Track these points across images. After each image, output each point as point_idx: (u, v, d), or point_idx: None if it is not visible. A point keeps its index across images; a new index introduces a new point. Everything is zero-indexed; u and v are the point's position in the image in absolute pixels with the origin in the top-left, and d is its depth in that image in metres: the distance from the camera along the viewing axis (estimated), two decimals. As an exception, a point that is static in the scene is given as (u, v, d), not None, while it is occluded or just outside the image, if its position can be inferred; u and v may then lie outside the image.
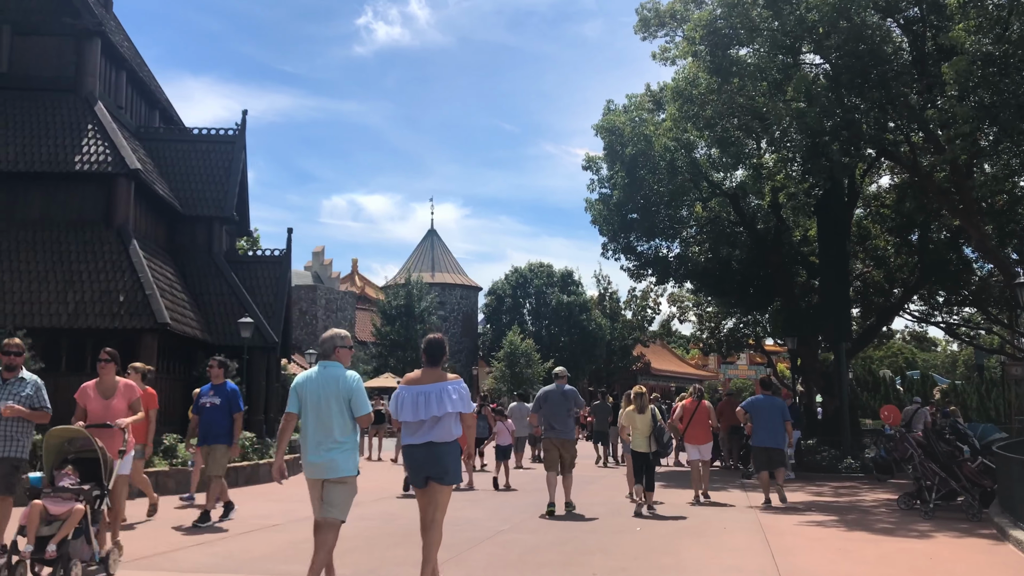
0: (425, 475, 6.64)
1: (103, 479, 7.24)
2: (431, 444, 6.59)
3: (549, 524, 11.32)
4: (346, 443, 6.40)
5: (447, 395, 6.60)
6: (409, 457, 6.77)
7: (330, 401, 6.33)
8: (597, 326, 57.74)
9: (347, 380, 6.40)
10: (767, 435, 13.34)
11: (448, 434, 6.63)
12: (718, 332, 36.04)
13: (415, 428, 6.65)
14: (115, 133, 17.55)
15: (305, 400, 6.43)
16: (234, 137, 21.86)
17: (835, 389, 22.89)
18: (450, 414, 6.61)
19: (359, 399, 6.40)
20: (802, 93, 15.97)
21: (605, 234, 24.74)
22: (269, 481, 17.27)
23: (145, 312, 16.02)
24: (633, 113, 23.22)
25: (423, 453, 6.62)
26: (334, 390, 6.36)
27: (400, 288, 50.67)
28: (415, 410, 6.61)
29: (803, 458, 20.74)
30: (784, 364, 47.99)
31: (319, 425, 6.36)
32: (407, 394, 6.70)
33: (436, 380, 6.70)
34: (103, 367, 8.24)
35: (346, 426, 6.39)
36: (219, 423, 10.99)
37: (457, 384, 6.73)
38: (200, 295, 20.08)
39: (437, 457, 6.59)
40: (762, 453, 13.43)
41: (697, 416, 14.38)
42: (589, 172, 24.57)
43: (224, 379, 11.28)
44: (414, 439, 6.67)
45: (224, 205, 20.76)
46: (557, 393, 12.43)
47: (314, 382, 6.45)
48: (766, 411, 13.43)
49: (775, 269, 23.91)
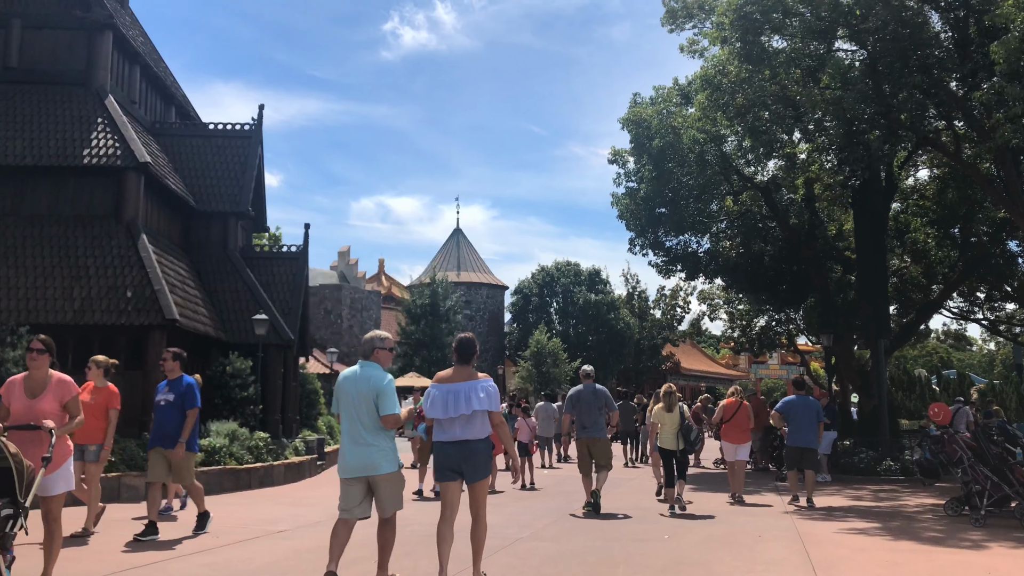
0: (455, 471, 6.80)
1: (17, 494, 5.80)
2: (464, 442, 6.74)
3: (571, 531, 10.63)
4: (379, 441, 6.50)
5: (475, 393, 6.70)
6: (440, 453, 6.89)
7: (362, 400, 6.48)
8: (625, 325, 56.88)
9: (377, 380, 6.52)
10: (802, 435, 13.37)
11: (479, 432, 6.77)
12: (750, 330, 35.09)
13: (447, 426, 6.80)
14: (125, 126, 17.09)
15: (343, 399, 6.62)
16: (250, 132, 21.35)
17: (873, 387, 21.97)
18: (479, 412, 6.71)
19: (385, 399, 6.47)
20: (838, 79, 15.14)
21: (632, 229, 23.97)
22: (283, 483, 16.74)
23: (153, 308, 15.51)
24: (660, 105, 22.43)
25: (455, 450, 6.76)
26: (365, 389, 6.50)
27: (425, 287, 50.14)
28: (445, 408, 6.72)
29: (839, 459, 19.88)
30: (818, 363, 46.85)
31: (354, 424, 6.53)
32: (438, 392, 6.83)
33: (466, 379, 6.82)
34: (33, 359, 6.69)
35: (377, 425, 6.49)
36: (172, 422, 9.75)
37: (486, 383, 6.82)
38: (214, 292, 19.59)
39: (468, 455, 6.73)
40: (796, 452, 13.47)
41: (737, 417, 14.27)
42: (615, 166, 23.84)
43: (181, 372, 10.10)
44: (446, 436, 6.81)
45: (239, 200, 20.25)
46: (588, 392, 12.43)
47: (350, 381, 6.62)
48: (801, 411, 13.46)
49: (809, 264, 23.02)
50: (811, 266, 23.07)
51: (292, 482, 17.07)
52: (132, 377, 15.75)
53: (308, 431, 22.23)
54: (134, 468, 13.87)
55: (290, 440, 19.07)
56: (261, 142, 21.48)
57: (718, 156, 21.39)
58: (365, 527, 10.91)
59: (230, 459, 15.75)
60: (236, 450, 16.06)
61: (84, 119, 17.33)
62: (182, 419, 9.77)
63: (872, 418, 21.96)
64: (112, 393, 9.91)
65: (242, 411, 17.96)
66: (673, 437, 12.54)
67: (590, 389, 12.48)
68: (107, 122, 17.24)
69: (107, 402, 9.85)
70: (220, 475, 15.07)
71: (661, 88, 22.62)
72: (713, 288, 35.38)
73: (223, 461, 15.50)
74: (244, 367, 18.24)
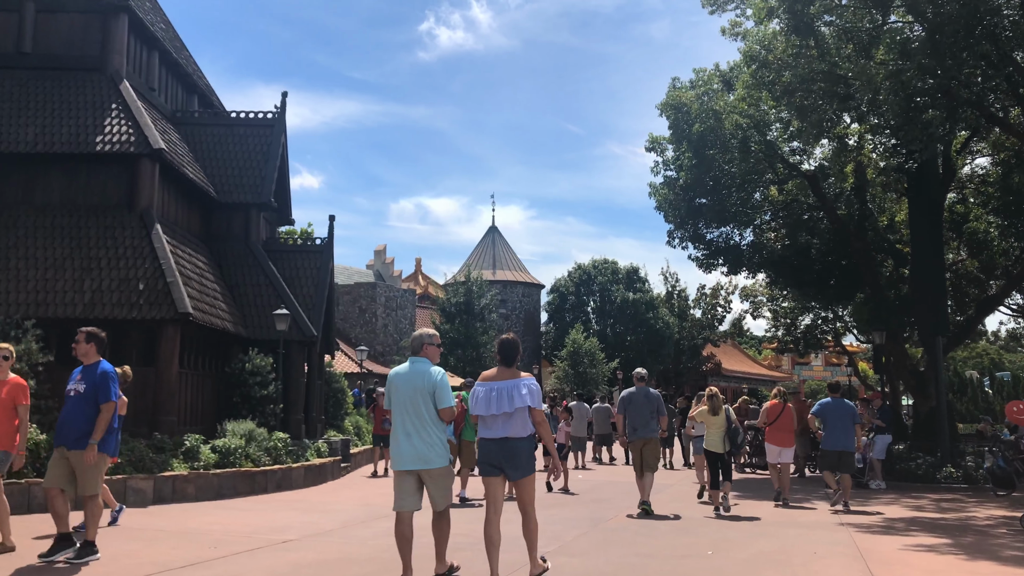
0: (496, 467, 6.97)
1: None
2: (506, 439, 6.89)
3: (603, 544, 9.61)
4: (432, 436, 6.71)
5: (518, 391, 6.85)
6: (484, 449, 7.09)
7: (416, 395, 6.70)
8: (665, 325, 55.54)
9: (431, 375, 6.75)
10: (837, 438, 13.34)
11: (522, 429, 6.90)
12: (794, 329, 33.66)
13: (490, 423, 6.97)
14: (139, 112, 16.38)
15: (394, 395, 6.83)
16: (273, 120, 20.58)
17: (929, 388, 20.62)
18: (520, 410, 6.85)
19: (441, 393, 6.72)
20: (895, 51, 13.94)
21: (671, 221, 22.82)
22: (303, 486, 15.92)
23: (166, 301, 14.76)
24: (701, 89, 21.27)
25: (497, 447, 6.92)
26: (420, 384, 6.72)
27: (460, 285, 49.24)
28: (488, 405, 6.89)
29: (895, 465, 18.60)
30: (865, 363, 45.16)
31: (407, 418, 6.74)
32: (481, 390, 7.03)
33: (509, 377, 6.99)
34: None
35: (432, 419, 6.72)
36: (80, 418, 7.95)
37: (529, 381, 6.96)
38: (235, 286, 18.84)
39: (511, 452, 6.89)
40: (832, 456, 13.39)
41: (781, 419, 14.20)
42: (653, 154, 22.66)
43: (98, 358, 8.28)
44: (489, 433, 6.99)
45: (261, 191, 19.47)
46: (640, 395, 12.65)
47: (402, 377, 6.86)
48: (836, 414, 13.43)
49: (859, 257, 21.69)
50: (861, 259, 21.75)
51: (313, 485, 16.24)
52: (144, 374, 15.01)
53: (334, 432, 21.43)
54: (142, 470, 13.11)
55: (313, 441, 18.25)
56: (284, 131, 20.70)
57: (762, 143, 20.20)
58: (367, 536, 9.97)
59: (246, 461, 14.95)
60: (252, 451, 15.26)
61: (98, 105, 16.66)
62: (95, 414, 7.95)
63: (928, 421, 20.62)
64: (18, 386, 8.37)
65: (261, 410, 17.20)
66: (720, 439, 12.70)
67: (643, 392, 12.67)
68: (121, 108, 16.56)
69: (12, 398, 8.30)
70: (234, 478, 14.27)
71: (701, 71, 21.45)
72: (756, 284, 34.08)
73: (238, 463, 14.70)
74: (264, 364, 17.47)
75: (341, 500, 14.10)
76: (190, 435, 14.44)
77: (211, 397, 17.14)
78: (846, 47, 15.35)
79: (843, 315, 31.03)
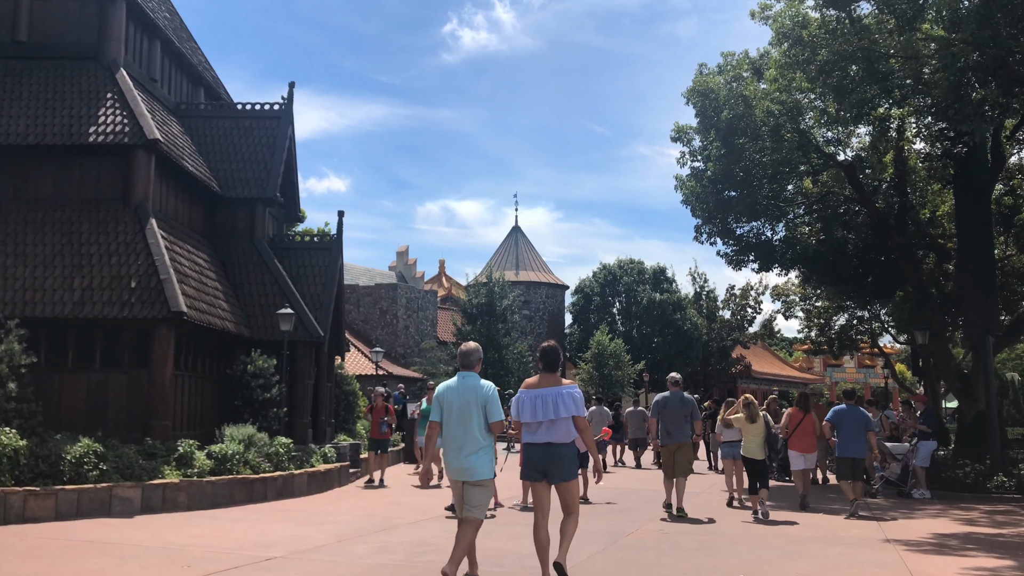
0: (541, 472, 7.19)
1: None
2: (549, 445, 7.13)
3: (623, 564, 8.57)
4: (483, 447, 6.98)
5: (562, 399, 7.08)
6: (527, 455, 7.34)
7: (470, 408, 6.96)
8: (693, 326, 54.15)
9: (484, 389, 7.04)
10: (851, 445, 13.35)
11: (565, 435, 7.13)
12: (828, 330, 32.32)
13: (534, 428, 7.22)
14: (135, 102, 15.56)
15: (446, 408, 7.06)
16: (279, 112, 19.73)
17: (976, 391, 19.31)
18: (565, 418, 7.08)
19: (493, 407, 7.00)
20: (944, 22, 12.77)
21: (698, 215, 21.58)
22: (306, 494, 15.00)
23: (158, 299, 13.91)
24: (729, 73, 20.11)
25: (541, 452, 7.17)
26: (472, 398, 6.99)
27: (481, 286, 48.18)
28: (533, 412, 7.13)
29: (940, 473, 17.36)
30: (903, 366, 43.62)
31: (459, 430, 6.99)
32: (526, 397, 7.25)
33: (552, 385, 7.22)
34: None
35: (483, 431, 6.99)
36: None
37: (571, 389, 7.18)
38: (239, 284, 18.00)
39: (554, 457, 7.13)
40: (847, 463, 13.41)
41: (803, 426, 14.26)
42: (679, 144, 21.46)
43: None
44: (533, 438, 7.24)
45: (267, 185, 18.62)
46: (675, 400, 12.72)
47: (454, 391, 7.08)
48: (850, 421, 13.43)
49: (899, 252, 20.37)
50: (901, 255, 20.44)
51: (317, 492, 15.34)
52: (138, 376, 14.25)
53: (344, 436, 20.53)
54: (130, 477, 12.25)
55: (320, 446, 17.35)
56: (292, 122, 19.83)
57: (795, 130, 19.02)
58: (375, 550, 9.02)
59: (244, 467, 14.07)
60: (252, 457, 14.39)
61: (93, 94, 15.89)
62: None
63: (975, 426, 19.30)
64: None
65: (264, 414, 16.35)
66: (759, 446, 12.91)
67: (677, 397, 12.75)
68: (117, 97, 15.77)
69: None
70: (230, 485, 13.39)
71: (730, 55, 20.28)
72: (788, 283, 32.75)
73: (235, 470, 13.82)
74: (268, 366, 16.61)
75: (342, 510, 13.16)
76: (184, 441, 13.55)
77: (211, 401, 16.28)
78: (887, 21, 14.20)
79: (881, 314, 29.68)
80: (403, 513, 12.78)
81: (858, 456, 13.35)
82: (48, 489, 11.17)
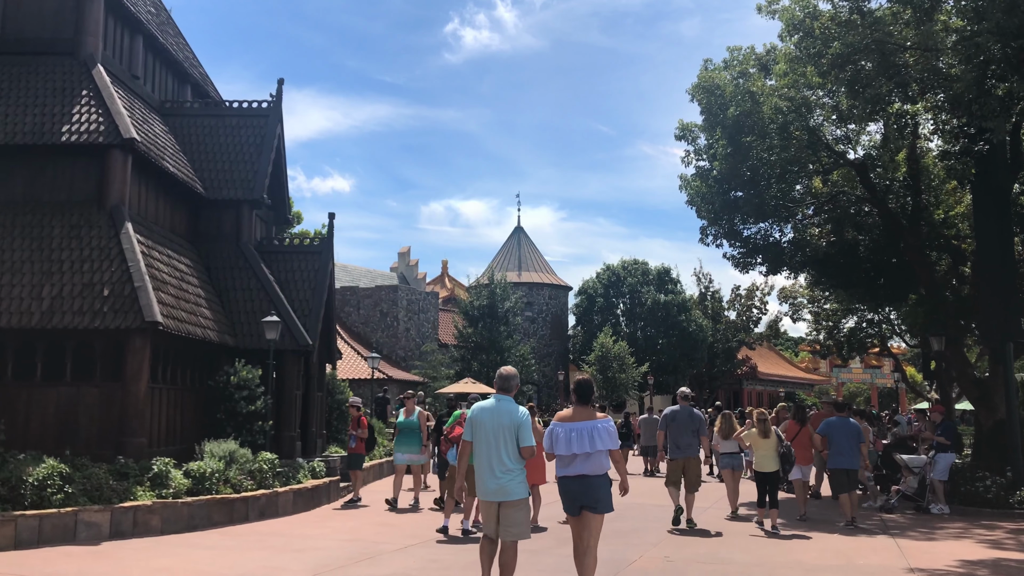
0: (579, 504, 7.30)
1: None
2: (584, 477, 7.23)
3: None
4: (515, 469, 7.16)
5: (597, 433, 7.23)
6: (564, 488, 7.43)
7: (501, 432, 7.14)
8: (698, 327, 53.34)
9: (518, 414, 7.24)
10: (843, 457, 13.49)
11: (599, 467, 7.28)
12: (837, 332, 31.47)
13: (568, 461, 7.33)
14: (111, 99, 14.79)
15: (479, 429, 7.25)
16: (268, 110, 18.94)
17: (994, 399, 18.47)
18: (600, 451, 7.24)
19: (525, 432, 7.19)
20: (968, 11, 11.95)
21: (704, 216, 20.74)
22: (292, 512, 14.23)
23: (132, 308, 13.13)
24: (736, 69, 19.29)
25: (577, 485, 7.26)
26: (506, 422, 7.18)
27: (483, 288, 47.35)
28: (568, 445, 7.25)
29: (959, 487, 16.54)
30: (913, 369, 42.73)
31: (492, 452, 7.16)
32: (561, 430, 7.38)
33: (587, 418, 7.36)
34: None
35: (515, 455, 7.17)
36: None
37: (607, 422, 7.36)
38: (225, 291, 17.23)
39: (590, 488, 7.22)
40: (841, 475, 13.57)
41: (799, 438, 14.56)
42: (683, 142, 20.61)
43: None
44: (568, 471, 7.33)
45: (254, 186, 17.84)
46: (684, 414, 12.91)
47: (489, 413, 7.26)
48: (841, 433, 13.59)
49: (913, 254, 19.51)
50: (915, 257, 19.58)
51: (304, 511, 14.55)
52: (110, 390, 13.47)
53: (337, 447, 19.74)
54: (99, 500, 11.46)
55: (309, 460, 16.57)
56: (281, 120, 19.05)
57: (804, 128, 18.20)
58: None
59: (224, 486, 13.29)
60: (233, 475, 13.61)
61: (68, 91, 15.12)
62: None
63: (993, 436, 18.46)
64: None
65: (249, 427, 15.57)
66: (771, 460, 12.94)
67: (686, 411, 12.94)
68: (92, 94, 15.00)
69: None
70: (208, 506, 12.61)
71: (736, 49, 19.43)
72: (796, 286, 31.91)
73: (214, 489, 13.03)
74: (252, 377, 15.83)
75: (326, 533, 12.38)
76: (160, 459, 12.77)
77: (192, 414, 15.52)
78: (903, 12, 13.38)
79: (891, 317, 28.83)
80: (392, 537, 11.99)
81: (851, 467, 13.55)
82: (6, 515, 10.39)
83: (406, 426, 15.33)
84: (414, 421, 15.38)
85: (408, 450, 15.29)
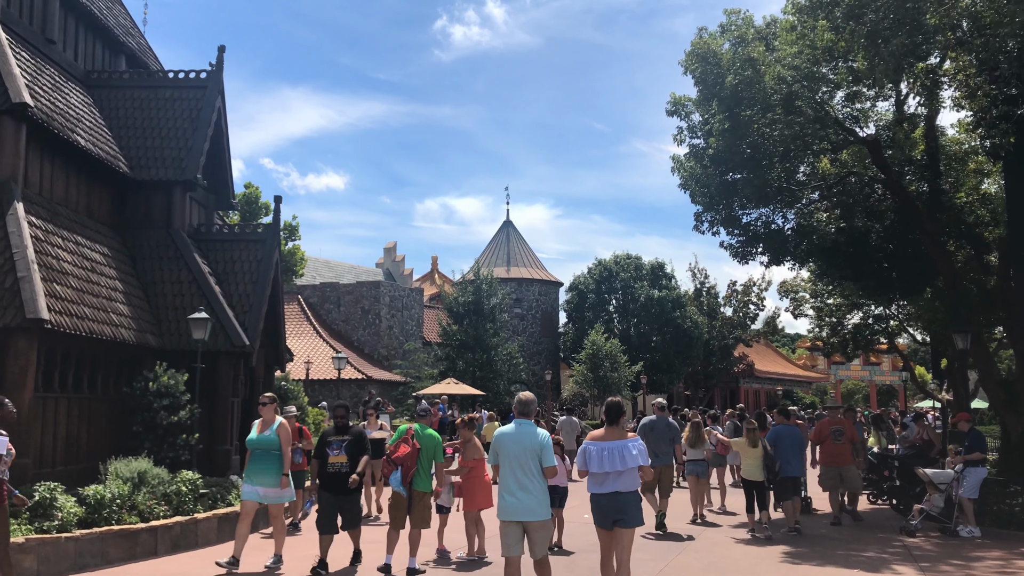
0: (612, 519, 7.69)
1: None
2: (616, 494, 7.66)
3: None
4: (537, 490, 7.59)
5: (628, 452, 7.67)
6: (596, 504, 7.83)
7: (524, 454, 7.60)
8: (693, 324, 51.23)
9: (539, 438, 7.70)
10: (789, 464, 13.61)
11: (631, 484, 7.73)
12: (840, 329, 29.33)
13: (601, 479, 7.75)
14: (3, 56, 12.64)
15: (503, 453, 7.69)
16: (206, 80, 16.77)
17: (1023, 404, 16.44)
18: (632, 468, 7.67)
19: (547, 454, 7.66)
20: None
21: (699, 201, 18.56)
22: (216, 542, 12.09)
23: (12, 304, 10.98)
24: (735, 33, 17.20)
25: (608, 501, 7.70)
26: (528, 445, 7.63)
27: (468, 284, 45.10)
28: (600, 463, 7.68)
29: (990, 505, 14.50)
30: (921, 368, 40.67)
31: (516, 474, 7.59)
32: (593, 449, 7.78)
33: (618, 438, 7.80)
34: None
35: (537, 475, 7.61)
36: None
37: (636, 442, 7.79)
38: (151, 284, 15.11)
39: (622, 504, 7.64)
40: (789, 482, 13.70)
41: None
42: (676, 118, 18.49)
43: None
44: (601, 489, 7.76)
45: (187, 165, 15.69)
46: (662, 424, 13.74)
47: (510, 437, 7.70)
48: (788, 441, 13.73)
49: (930, 243, 17.41)
50: (933, 246, 17.47)
51: (230, 540, 12.35)
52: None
53: (287, 459, 17.54)
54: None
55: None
56: (222, 92, 16.90)
57: (811, 101, 16.12)
58: None
59: (129, 514, 11.16)
60: (142, 500, 11.49)
61: (-45, 52, 12.94)
62: None
63: (1022, 445, 16.43)
64: None
65: (171, 441, 13.45)
66: (758, 468, 13.26)
67: (664, 421, 13.83)
68: (-17, 55, 12.82)
69: None
70: (103, 540, 10.47)
71: (735, 12, 17.33)
72: (798, 279, 29.77)
73: (114, 518, 10.89)
74: (176, 383, 13.69)
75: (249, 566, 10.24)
76: (45, 484, 10.63)
77: (102, 428, 13.34)
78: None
79: (900, 312, 26.76)
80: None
81: (799, 475, 13.89)
82: None
83: (258, 445, 10.32)
84: (271, 438, 10.30)
85: (261, 481, 10.24)
